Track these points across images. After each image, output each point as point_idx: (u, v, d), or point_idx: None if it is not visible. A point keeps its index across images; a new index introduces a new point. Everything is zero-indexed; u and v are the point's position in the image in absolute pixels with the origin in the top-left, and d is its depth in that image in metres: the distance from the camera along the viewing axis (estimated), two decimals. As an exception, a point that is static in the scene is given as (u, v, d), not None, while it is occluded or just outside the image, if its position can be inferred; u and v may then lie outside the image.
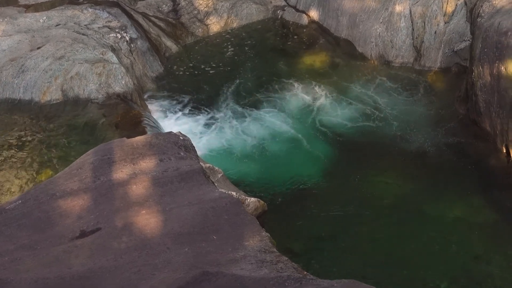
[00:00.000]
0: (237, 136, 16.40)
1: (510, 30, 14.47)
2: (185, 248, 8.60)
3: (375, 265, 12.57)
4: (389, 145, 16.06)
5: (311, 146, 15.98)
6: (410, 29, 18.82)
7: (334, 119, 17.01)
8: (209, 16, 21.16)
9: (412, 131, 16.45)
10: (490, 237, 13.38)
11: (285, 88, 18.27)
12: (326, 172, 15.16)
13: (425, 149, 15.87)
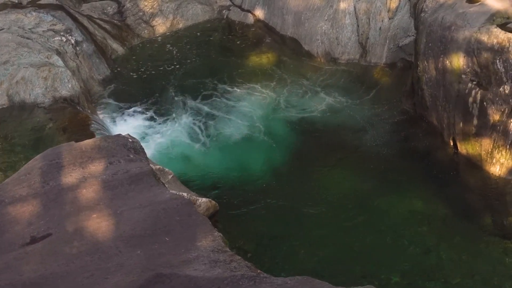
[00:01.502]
0: (187, 136, 16.35)
1: (454, 24, 14.66)
2: (137, 250, 8.57)
3: (328, 260, 12.65)
4: (338, 142, 16.17)
5: (261, 145, 16.01)
6: (355, 25, 18.96)
7: (283, 117, 17.06)
8: (154, 17, 21.05)
9: (360, 127, 16.59)
10: (440, 230, 13.55)
11: (233, 87, 18.26)
12: (277, 170, 15.20)
13: (373, 144, 16.01)
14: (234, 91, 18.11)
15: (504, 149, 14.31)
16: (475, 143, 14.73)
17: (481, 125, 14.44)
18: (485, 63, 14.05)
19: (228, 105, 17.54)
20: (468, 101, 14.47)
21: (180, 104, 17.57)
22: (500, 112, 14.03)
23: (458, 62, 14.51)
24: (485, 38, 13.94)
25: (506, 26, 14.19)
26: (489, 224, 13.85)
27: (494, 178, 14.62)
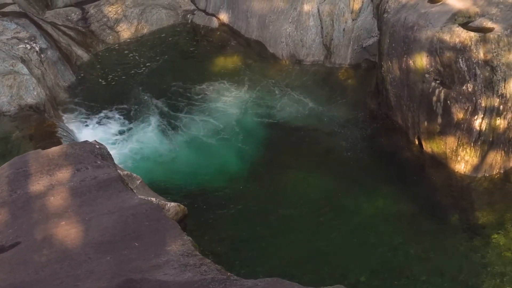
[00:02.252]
0: (155, 141, 16.33)
1: (416, 24, 14.81)
2: (107, 256, 8.56)
3: (298, 261, 12.73)
4: (305, 144, 16.26)
5: (229, 148, 16.03)
6: (319, 27, 19.06)
7: (251, 120, 17.10)
8: (119, 23, 21.00)
9: (326, 128, 16.67)
10: (407, 228, 13.70)
11: (200, 92, 18.25)
12: (245, 172, 15.24)
13: (340, 145, 16.11)
14: (201, 95, 18.10)
15: (468, 147, 14.49)
16: (440, 142, 14.90)
17: (445, 124, 14.61)
18: (448, 62, 14.22)
19: (195, 109, 17.53)
20: (432, 100, 14.63)
21: (147, 108, 17.54)
22: (463, 110, 14.21)
23: (421, 62, 14.67)
24: (447, 38, 14.12)
25: (467, 25, 14.39)
26: (456, 221, 14.01)
27: (459, 175, 14.81)
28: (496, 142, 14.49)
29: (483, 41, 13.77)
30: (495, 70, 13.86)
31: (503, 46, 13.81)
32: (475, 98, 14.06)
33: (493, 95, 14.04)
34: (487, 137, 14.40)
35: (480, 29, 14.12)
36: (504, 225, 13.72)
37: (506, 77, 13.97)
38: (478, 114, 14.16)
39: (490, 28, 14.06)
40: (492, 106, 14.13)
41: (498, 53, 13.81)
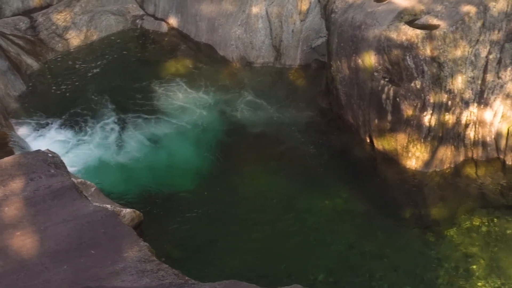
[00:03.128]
0: (108, 147, 16.22)
1: (364, 23, 14.97)
2: (64, 265, 8.53)
3: (255, 263, 12.77)
4: (258, 145, 16.30)
5: (184, 152, 15.99)
6: (268, 29, 19.14)
7: (204, 123, 17.09)
8: (68, 30, 20.82)
9: (279, 129, 16.74)
10: (362, 226, 13.83)
11: (152, 97, 18.17)
12: (200, 176, 15.22)
13: (293, 145, 16.19)
14: (153, 100, 18.03)
15: (419, 143, 14.69)
16: (390, 139, 15.07)
17: (395, 121, 14.79)
18: (396, 60, 14.40)
19: (148, 114, 17.44)
20: (382, 98, 14.81)
21: (99, 115, 17.42)
22: (413, 107, 14.41)
23: (370, 60, 14.84)
24: (394, 36, 14.30)
25: (414, 23, 14.59)
26: (409, 217, 14.18)
27: (411, 171, 15.00)
28: (445, 137, 14.72)
29: (430, 38, 13.98)
30: (442, 66, 14.08)
31: (449, 43, 14.04)
32: (423, 95, 14.27)
33: (441, 91, 14.27)
34: (436, 133, 14.62)
35: (426, 27, 14.33)
36: (457, 219, 13.94)
37: (453, 73, 14.21)
38: (427, 110, 14.37)
39: (436, 25, 14.28)
40: (440, 102, 14.35)
41: (445, 50, 14.04)
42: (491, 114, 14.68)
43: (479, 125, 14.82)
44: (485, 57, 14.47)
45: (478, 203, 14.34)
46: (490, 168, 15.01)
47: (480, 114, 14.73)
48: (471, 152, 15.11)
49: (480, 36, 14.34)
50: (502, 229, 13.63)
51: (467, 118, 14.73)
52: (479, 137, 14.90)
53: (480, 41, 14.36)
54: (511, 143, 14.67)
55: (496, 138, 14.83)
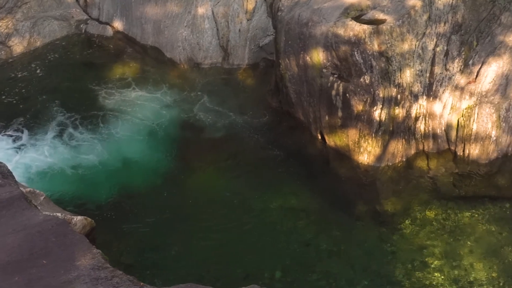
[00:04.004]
0: (56, 155, 15.94)
1: (310, 20, 14.97)
2: (15, 277, 8.36)
3: (211, 265, 12.66)
4: (209, 146, 16.20)
5: (135, 156, 15.79)
6: (214, 29, 19.06)
7: (153, 126, 16.91)
8: (10, 37, 20.45)
9: (230, 129, 16.66)
10: (317, 222, 13.82)
11: (99, 101, 17.93)
12: (152, 180, 15.05)
13: (244, 145, 16.14)
14: (101, 104, 17.80)
15: (370, 138, 14.73)
16: (342, 135, 15.09)
17: (346, 117, 14.81)
18: (344, 55, 14.43)
19: (96, 119, 17.20)
20: (331, 94, 14.81)
21: (46, 122, 17.11)
22: (362, 102, 14.44)
23: (318, 57, 14.84)
24: (341, 32, 14.32)
25: (360, 18, 14.67)
26: (363, 212, 14.24)
27: (364, 166, 15.05)
28: (396, 131, 14.79)
29: (377, 33, 14.03)
30: (390, 61, 14.15)
31: (396, 37, 14.11)
32: (373, 90, 14.31)
33: (390, 85, 14.33)
34: (387, 127, 14.68)
35: (372, 22, 14.39)
36: (410, 212, 14.03)
37: (401, 67, 14.29)
38: (377, 105, 14.42)
39: (382, 20, 14.35)
40: (390, 96, 14.42)
41: (392, 44, 14.11)
42: (441, 106, 14.79)
43: (429, 118, 14.93)
44: (432, 50, 14.59)
45: (431, 195, 14.45)
46: (442, 160, 15.14)
47: (430, 107, 14.83)
48: (422, 145, 15.22)
49: (426, 29, 14.44)
50: (455, 220, 13.75)
51: (417, 111, 14.83)
52: (429, 130, 15.01)
53: (426, 34, 14.46)
54: (461, 134, 14.80)
55: (446, 130, 14.94)
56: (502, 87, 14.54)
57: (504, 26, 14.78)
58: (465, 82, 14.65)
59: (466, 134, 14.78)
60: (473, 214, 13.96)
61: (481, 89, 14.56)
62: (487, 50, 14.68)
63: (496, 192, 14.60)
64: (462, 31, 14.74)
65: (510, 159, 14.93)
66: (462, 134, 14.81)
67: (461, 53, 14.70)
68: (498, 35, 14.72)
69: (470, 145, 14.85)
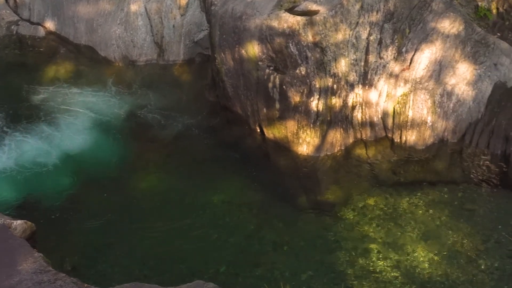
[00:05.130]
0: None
1: (244, 13, 14.97)
2: (-46, 286, 8.20)
3: (156, 263, 12.58)
4: (148, 144, 16.10)
5: (72, 157, 15.58)
6: (148, 26, 18.94)
7: (90, 125, 16.72)
8: None
9: (168, 126, 16.58)
10: (259, 215, 13.85)
11: (34, 103, 17.64)
12: (92, 180, 14.87)
13: (183, 141, 16.07)
14: (35, 105, 17.52)
15: (308, 128, 14.81)
16: (280, 127, 15.14)
17: (283, 108, 14.87)
18: (279, 48, 14.46)
19: (32, 121, 16.92)
20: (268, 87, 14.85)
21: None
22: (299, 93, 14.50)
23: (254, 50, 14.85)
24: (275, 24, 14.34)
25: (294, 10, 14.70)
26: (305, 203, 14.31)
27: (303, 157, 15.13)
28: (334, 121, 14.90)
29: (310, 24, 14.10)
30: (325, 51, 14.23)
31: (330, 27, 14.19)
32: (309, 80, 14.38)
33: (326, 76, 14.42)
34: (325, 117, 14.77)
35: (306, 13, 14.45)
36: (351, 201, 14.15)
37: (336, 57, 14.39)
38: (314, 96, 14.50)
39: (316, 11, 14.42)
40: (326, 86, 14.51)
41: (326, 34, 14.19)
42: (376, 94, 14.95)
43: (365, 106, 15.07)
44: (366, 39, 14.72)
45: (371, 182, 14.61)
46: (380, 147, 15.31)
47: (366, 95, 14.98)
48: (360, 133, 15.37)
49: (359, 19, 14.56)
50: (395, 206, 13.92)
51: (353, 100, 14.96)
52: (366, 118, 15.16)
53: (360, 23, 14.58)
54: (397, 121, 14.99)
55: (383, 118, 15.11)
56: (436, 73, 14.77)
57: (435, 13, 14.99)
58: (399, 70, 14.84)
59: (403, 121, 14.98)
60: (412, 199, 14.15)
61: (415, 76, 14.78)
62: (420, 37, 14.88)
63: (434, 176, 14.83)
64: (395, 19, 14.90)
65: (446, 144, 15.18)
66: (398, 121, 15.01)
67: (394, 41, 14.88)
68: (430, 22, 14.93)
69: (407, 132, 15.06)
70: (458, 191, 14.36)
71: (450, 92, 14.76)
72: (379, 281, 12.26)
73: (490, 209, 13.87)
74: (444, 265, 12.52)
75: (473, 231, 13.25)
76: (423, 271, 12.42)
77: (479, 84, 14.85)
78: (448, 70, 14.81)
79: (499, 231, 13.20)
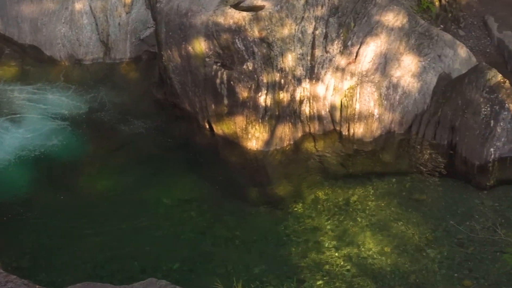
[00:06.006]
0: None
1: (190, 10, 14.94)
2: None
3: (107, 262, 12.53)
4: (98, 143, 15.98)
5: (16, 158, 15.36)
6: (94, 25, 18.76)
7: (36, 126, 16.49)
8: None
9: (117, 125, 16.44)
10: (210, 211, 13.87)
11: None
12: (40, 181, 14.70)
13: (132, 140, 15.96)
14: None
15: (257, 123, 14.86)
16: (229, 122, 15.16)
17: (232, 104, 14.89)
18: (226, 44, 14.48)
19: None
20: (216, 83, 14.85)
21: None
22: (247, 88, 14.54)
23: (200, 47, 14.84)
24: (221, 20, 14.35)
25: (239, 6, 14.73)
26: (256, 197, 14.38)
27: (253, 152, 15.18)
28: (282, 115, 14.97)
29: (256, 20, 14.14)
30: (271, 46, 14.29)
31: (275, 22, 14.25)
32: (256, 76, 14.43)
33: (273, 71, 14.49)
34: (273, 112, 14.84)
35: (251, 8, 14.50)
36: (302, 194, 14.25)
37: (283, 52, 14.46)
38: (262, 91, 14.56)
39: (261, 6, 14.47)
40: (274, 81, 14.58)
41: (272, 29, 14.25)
42: (323, 88, 15.06)
43: (313, 100, 15.17)
44: (311, 33, 14.81)
45: (321, 175, 14.73)
46: (328, 141, 15.44)
47: (313, 89, 15.08)
48: (309, 127, 15.46)
49: (305, 13, 14.65)
50: (345, 198, 14.05)
51: (301, 94, 15.04)
52: (314, 112, 15.26)
53: (305, 18, 14.67)
54: (345, 114, 15.13)
55: (331, 111, 15.23)
56: (382, 66, 14.94)
57: (379, 6, 15.16)
58: (345, 63, 14.97)
59: (350, 114, 15.12)
60: (361, 191, 14.29)
61: (361, 69, 14.92)
62: (365, 31, 15.03)
63: (382, 168, 15.01)
64: (339, 13, 15.03)
65: (394, 135, 15.36)
66: (346, 114, 15.14)
67: (340, 35, 15.00)
68: (374, 15, 15.09)
69: (354, 125, 15.20)
70: (406, 182, 14.55)
71: (396, 84, 14.94)
72: (331, 273, 12.37)
73: (438, 198, 14.09)
74: (394, 255, 12.68)
75: (422, 221, 13.45)
76: (374, 262, 12.58)
77: (424, 75, 15.06)
78: (393, 63, 14.99)
79: (447, 220, 13.41)
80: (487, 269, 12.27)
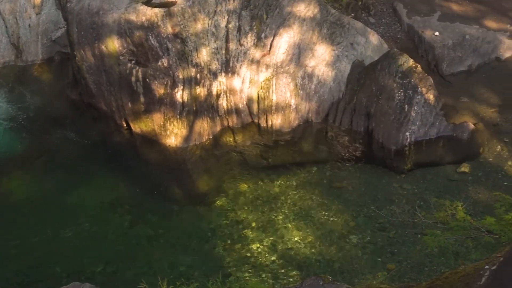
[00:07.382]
0: None
1: (101, 9, 14.78)
2: None
3: (30, 269, 12.34)
4: (14, 147, 15.65)
5: None
6: (3, 27, 18.35)
7: None
8: None
9: (32, 128, 16.12)
10: (133, 212, 13.82)
11: None
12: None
13: (49, 143, 15.68)
14: None
15: (175, 120, 14.80)
16: (146, 120, 15.05)
17: (148, 102, 14.79)
18: (139, 41, 14.38)
19: None
20: (131, 81, 14.72)
21: None
22: (163, 85, 14.46)
23: (113, 45, 14.69)
24: (134, 17, 14.24)
25: (151, 3, 14.64)
26: (178, 194, 14.38)
27: (172, 149, 15.10)
28: (200, 110, 14.95)
29: (169, 16, 14.09)
30: (185, 42, 14.25)
31: (188, 18, 14.22)
32: (172, 72, 14.37)
33: (189, 66, 14.45)
34: (191, 107, 14.80)
35: (163, 5, 14.44)
36: (223, 188, 14.31)
37: (197, 47, 14.44)
38: (178, 87, 14.50)
39: (173, 2, 14.43)
40: (189, 77, 14.54)
41: (185, 25, 14.21)
42: (240, 81, 15.09)
43: (230, 94, 15.19)
44: (225, 27, 14.83)
45: (241, 168, 14.80)
46: (247, 133, 15.49)
47: (229, 83, 15.09)
48: (227, 121, 15.48)
49: (217, 7, 14.66)
50: (267, 190, 14.16)
51: (218, 88, 15.04)
52: (232, 105, 15.28)
53: (217, 12, 14.68)
54: (262, 106, 15.19)
55: (248, 104, 15.28)
56: (296, 56, 15.06)
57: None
58: (260, 55, 15.03)
59: (267, 106, 15.19)
60: (283, 182, 14.42)
61: (276, 61, 15.01)
62: (277, 22, 15.12)
63: (302, 158, 15.15)
64: (252, 6, 15.08)
65: (311, 124, 15.51)
66: (263, 106, 15.21)
67: (253, 28, 15.05)
68: (286, 6, 15.20)
69: (272, 116, 15.28)
70: (326, 170, 14.74)
71: (311, 74, 15.09)
72: (257, 265, 12.46)
73: (358, 185, 14.33)
74: (318, 243, 12.85)
75: (343, 208, 13.66)
76: (299, 252, 12.72)
77: (338, 64, 15.25)
78: (307, 53, 15.13)
79: (368, 206, 13.67)
80: (409, 252, 12.55)
